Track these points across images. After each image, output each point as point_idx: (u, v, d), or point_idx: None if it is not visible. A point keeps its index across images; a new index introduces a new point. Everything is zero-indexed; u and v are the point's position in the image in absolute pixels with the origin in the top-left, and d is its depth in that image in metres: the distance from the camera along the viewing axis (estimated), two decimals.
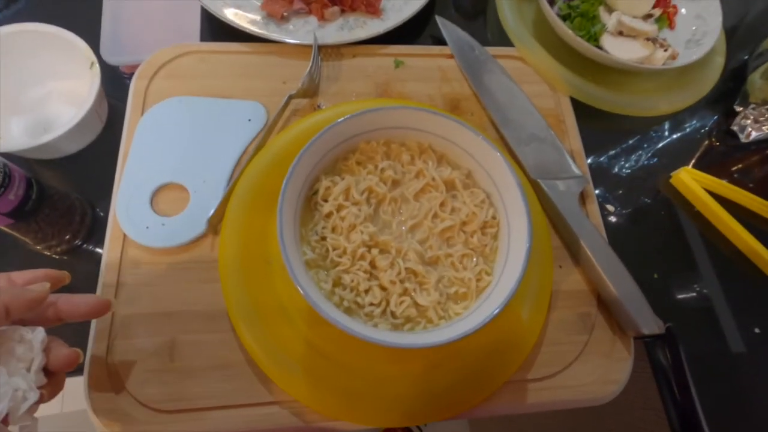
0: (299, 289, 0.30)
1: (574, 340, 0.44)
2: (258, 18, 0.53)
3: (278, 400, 0.38)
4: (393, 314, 0.35)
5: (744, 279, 0.51)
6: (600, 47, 0.54)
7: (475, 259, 0.37)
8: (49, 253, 0.47)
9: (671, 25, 0.59)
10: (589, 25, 0.54)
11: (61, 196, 0.48)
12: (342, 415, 0.38)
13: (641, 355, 0.50)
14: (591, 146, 0.54)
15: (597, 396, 0.43)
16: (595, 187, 0.52)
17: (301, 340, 0.38)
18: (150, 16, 0.57)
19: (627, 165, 0.55)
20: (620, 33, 0.54)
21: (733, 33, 0.64)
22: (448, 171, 0.39)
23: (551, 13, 0.54)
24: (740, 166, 0.57)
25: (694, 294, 0.50)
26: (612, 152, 0.56)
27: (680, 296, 0.49)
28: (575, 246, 0.46)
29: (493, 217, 0.38)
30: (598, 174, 0.53)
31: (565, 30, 0.52)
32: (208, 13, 0.53)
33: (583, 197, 0.50)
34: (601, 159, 0.55)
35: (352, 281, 0.35)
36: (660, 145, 0.57)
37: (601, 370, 0.44)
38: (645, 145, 0.57)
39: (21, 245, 0.47)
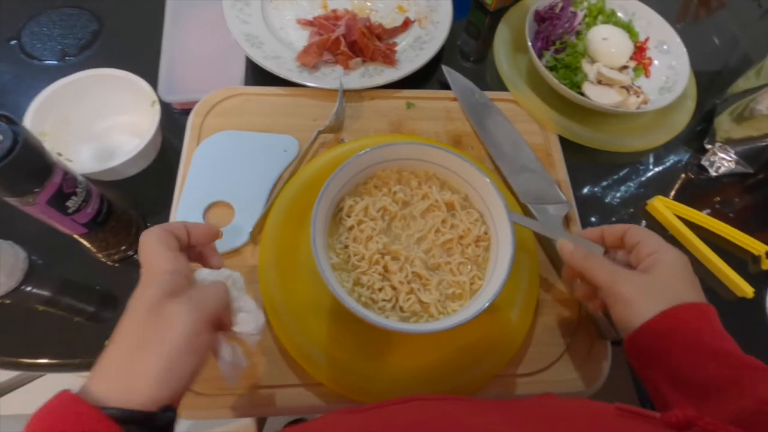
0: (329, 285, 0.38)
1: (558, 342, 0.51)
2: (293, 66, 0.63)
3: (305, 383, 0.46)
4: (401, 309, 0.43)
5: (712, 296, 0.57)
6: (582, 93, 0.63)
7: (469, 266, 0.45)
8: (106, 260, 0.55)
9: (647, 74, 0.68)
10: (572, 75, 0.64)
11: (122, 211, 0.55)
12: (359, 396, 0.45)
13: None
14: (576, 177, 0.62)
15: (577, 391, 0.49)
16: (580, 212, 0.59)
17: (325, 332, 0.46)
18: (201, 62, 0.67)
19: (608, 194, 0.63)
20: (599, 82, 0.63)
21: (703, 81, 0.73)
22: (448, 194, 0.48)
23: (540, 65, 0.63)
24: (710, 196, 0.64)
25: None
26: (594, 182, 0.64)
27: None
28: (559, 261, 0.53)
29: (485, 233, 0.47)
30: (582, 201, 0.61)
31: (551, 79, 0.62)
32: (252, 61, 0.64)
33: (567, 220, 0.58)
34: (585, 188, 0.63)
35: (369, 281, 0.43)
36: (638, 176, 0.65)
37: (581, 370, 0.50)
38: (625, 177, 0.65)
39: (85, 253, 0.54)
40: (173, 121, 0.63)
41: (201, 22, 0.69)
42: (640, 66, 0.67)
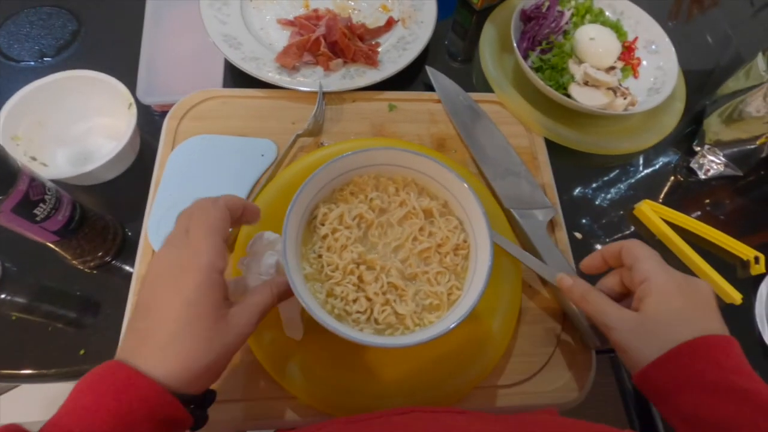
0: (299, 298, 0.37)
1: (541, 352, 0.50)
2: (273, 68, 0.61)
3: (279, 396, 0.45)
4: (376, 321, 0.41)
5: None
6: (568, 95, 0.62)
7: (448, 276, 0.44)
8: (83, 268, 0.54)
9: (635, 75, 0.67)
10: (558, 76, 0.62)
11: (97, 217, 0.54)
12: (333, 410, 0.44)
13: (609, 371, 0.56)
14: (562, 180, 0.60)
15: (561, 401, 0.48)
16: (565, 217, 0.58)
17: (299, 344, 0.45)
18: (180, 63, 0.65)
19: (595, 197, 0.62)
20: (586, 83, 0.62)
21: (693, 82, 0.71)
22: (427, 201, 0.46)
23: (525, 66, 0.62)
24: (699, 199, 0.63)
25: None
26: (581, 186, 0.63)
27: None
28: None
29: (464, 241, 0.45)
30: (569, 204, 0.60)
31: (537, 80, 0.60)
32: (231, 63, 0.62)
33: (552, 225, 0.57)
34: (572, 192, 0.62)
35: (342, 292, 0.42)
36: (626, 179, 0.64)
37: (565, 379, 0.49)
38: (612, 180, 0.64)
39: (60, 260, 0.53)
40: (153, 123, 0.62)
41: (182, 22, 0.68)
42: (628, 66, 0.66)
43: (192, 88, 0.61)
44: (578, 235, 0.59)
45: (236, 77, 0.64)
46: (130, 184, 0.58)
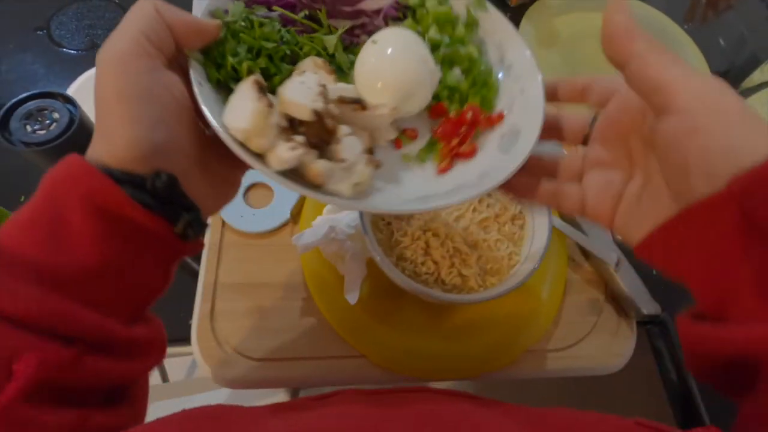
0: (379, 262, 0.40)
1: (586, 320, 0.53)
2: None
3: (347, 355, 0.48)
4: (443, 282, 0.45)
5: None
6: None
7: (506, 244, 0.47)
8: None
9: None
10: None
11: None
12: (399, 369, 0.47)
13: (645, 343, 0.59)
14: None
15: (605, 366, 0.51)
16: None
17: (367, 308, 0.48)
18: None
19: None
20: None
21: (725, 73, 0.75)
22: None
23: None
24: None
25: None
26: None
27: (676, 288, 0.58)
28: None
29: (520, 212, 0.49)
30: None
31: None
32: None
33: None
34: None
35: (412, 255, 0.45)
36: None
37: (608, 346, 0.52)
38: None
39: None
40: None
41: None
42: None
43: None
44: None
45: None
46: None
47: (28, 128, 0.44)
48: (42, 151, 0.44)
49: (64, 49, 0.73)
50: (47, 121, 0.45)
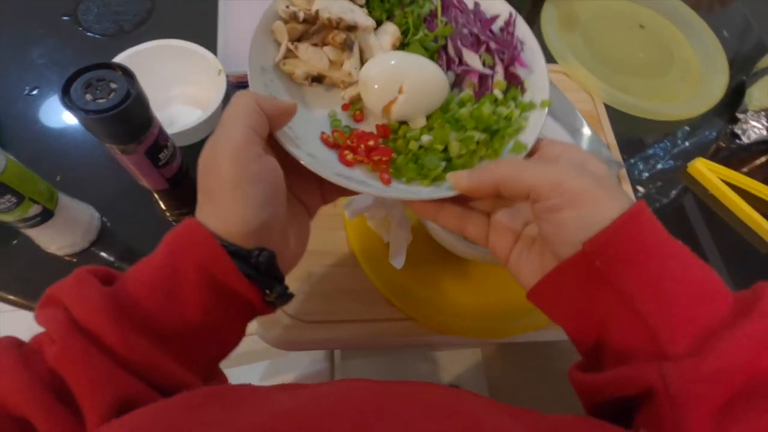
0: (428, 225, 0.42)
1: None
2: None
3: (395, 317, 0.49)
4: None
5: (749, 249, 0.61)
6: None
7: None
8: (174, 220, 0.57)
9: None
10: None
11: (192, 174, 0.57)
12: (444, 330, 0.48)
13: None
14: (621, 141, 0.66)
15: None
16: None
17: (407, 272, 0.49)
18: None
19: (650, 157, 0.68)
20: None
21: (734, 58, 0.78)
22: None
23: None
24: (743, 161, 0.69)
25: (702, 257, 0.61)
26: (638, 147, 0.68)
27: None
28: None
29: None
30: (628, 164, 0.66)
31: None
32: None
33: (619, 179, 0.62)
34: (630, 152, 0.68)
35: None
36: (678, 143, 0.70)
37: None
38: (666, 143, 0.70)
39: (152, 214, 0.56)
40: (227, 94, 0.65)
41: None
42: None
43: None
44: (640, 189, 0.64)
45: None
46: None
47: (88, 96, 0.45)
48: (100, 119, 0.45)
49: (91, 34, 0.74)
50: (106, 91, 0.46)
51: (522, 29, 0.39)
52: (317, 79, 0.37)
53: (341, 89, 0.38)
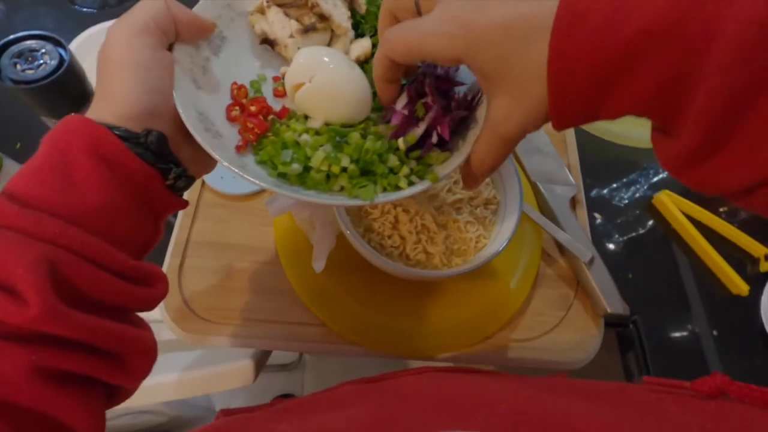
0: (346, 231, 0.40)
1: (554, 314, 0.53)
2: None
3: (309, 322, 0.48)
4: (407, 257, 0.45)
5: (707, 292, 0.59)
6: None
7: (476, 226, 0.47)
8: None
9: None
10: None
11: None
12: (360, 340, 0.47)
13: (613, 346, 0.58)
14: (585, 165, 0.64)
15: (568, 361, 0.51)
16: (587, 198, 0.61)
17: (328, 277, 0.48)
18: None
19: (616, 184, 0.65)
20: None
21: None
22: None
23: None
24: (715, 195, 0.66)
25: (661, 292, 0.58)
26: (604, 172, 0.66)
27: (649, 295, 0.58)
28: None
29: (495, 197, 0.49)
30: (589, 188, 0.63)
31: None
32: None
33: (574, 202, 0.60)
34: (594, 176, 0.65)
35: (380, 227, 0.45)
36: (646, 171, 0.67)
37: (574, 341, 0.52)
38: (633, 170, 0.67)
39: None
40: None
41: None
42: None
43: None
44: (597, 215, 0.62)
45: None
46: None
47: (18, 67, 0.45)
48: (29, 89, 0.45)
49: (77, 7, 0.75)
50: (38, 62, 0.45)
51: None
52: (270, 42, 0.37)
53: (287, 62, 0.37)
